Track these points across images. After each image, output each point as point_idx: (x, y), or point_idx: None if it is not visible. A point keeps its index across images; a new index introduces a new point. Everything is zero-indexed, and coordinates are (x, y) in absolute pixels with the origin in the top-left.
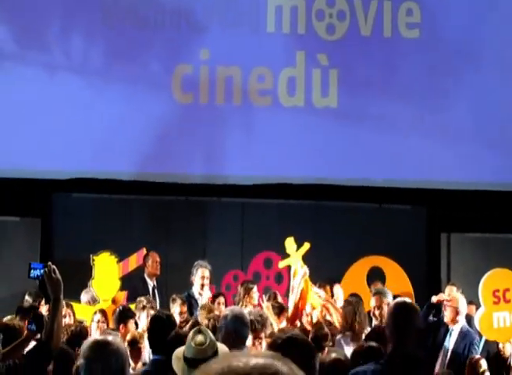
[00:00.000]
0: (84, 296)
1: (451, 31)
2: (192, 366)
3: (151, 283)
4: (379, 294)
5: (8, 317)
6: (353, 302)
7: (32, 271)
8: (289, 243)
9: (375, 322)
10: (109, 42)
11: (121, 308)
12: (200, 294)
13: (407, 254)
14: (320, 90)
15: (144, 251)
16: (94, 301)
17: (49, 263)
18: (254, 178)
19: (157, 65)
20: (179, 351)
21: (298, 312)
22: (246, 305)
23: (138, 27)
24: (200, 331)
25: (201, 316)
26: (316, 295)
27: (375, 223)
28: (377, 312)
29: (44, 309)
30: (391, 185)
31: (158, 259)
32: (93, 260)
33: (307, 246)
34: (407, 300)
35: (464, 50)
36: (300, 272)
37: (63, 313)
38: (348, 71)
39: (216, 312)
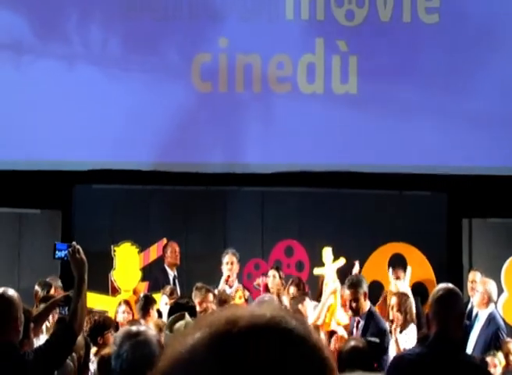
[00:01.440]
0: None
1: (471, 14)
2: None
3: (171, 274)
4: (354, 287)
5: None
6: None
7: (57, 252)
8: (326, 253)
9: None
10: (128, 32)
11: (145, 295)
12: (226, 282)
13: (429, 240)
14: (339, 76)
15: (165, 241)
16: None
17: (73, 243)
18: (275, 166)
19: (176, 54)
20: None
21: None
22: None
23: (157, 16)
24: (181, 318)
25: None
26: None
27: (396, 210)
28: (354, 305)
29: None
30: (411, 172)
31: (177, 249)
32: (114, 251)
33: (342, 261)
34: (450, 285)
35: (484, 32)
36: (330, 286)
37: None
38: (367, 57)
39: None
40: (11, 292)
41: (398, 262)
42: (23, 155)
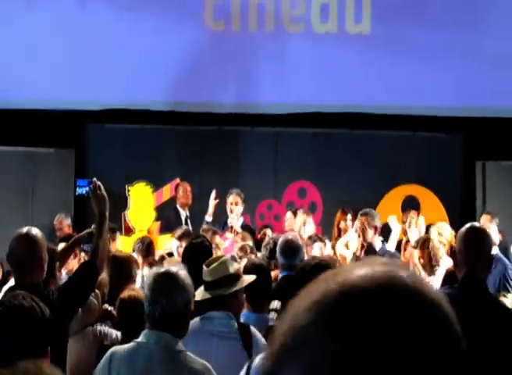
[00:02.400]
0: None
1: None
2: (206, 289)
3: (183, 214)
4: (366, 216)
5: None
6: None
7: (78, 188)
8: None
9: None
10: None
11: (146, 241)
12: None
13: (442, 182)
14: (353, 16)
15: (178, 181)
16: None
17: (94, 179)
18: (288, 107)
19: None
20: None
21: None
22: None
23: None
24: (217, 258)
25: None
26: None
27: (409, 152)
28: (360, 233)
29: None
30: (425, 113)
31: (188, 189)
32: (128, 191)
33: None
34: (477, 224)
35: None
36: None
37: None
38: None
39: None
40: (34, 231)
41: (410, 205)
42: (35, 94)
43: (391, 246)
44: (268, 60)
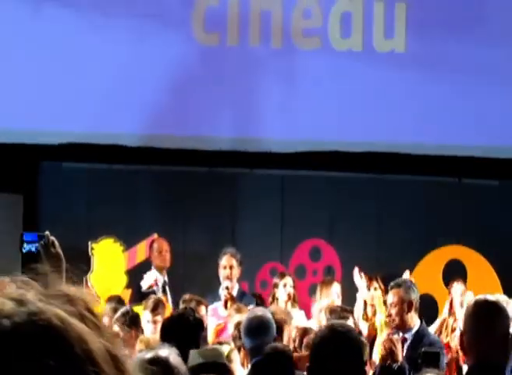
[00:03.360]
0: None
1: None
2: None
3: (160, 279)
4: (398, 287)
5: None
6: None
7: (25, 245)
8: None
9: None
10: None
11: (127, 310)
12: (224, 290)
13: (495, 243)
14: (383, 29)
15: (156, 237)
16: None
17: (47, 233)
18: (298, 144)
19: None
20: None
21: None
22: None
23: None
24: None
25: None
26: None
27: (453, 204)
28: (393, 311)
29: None
30: (474, 154)
31: (165, 247)
32: (92, 249)
33: None
34: (490, 297)
35: None
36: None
37: None
38: (420, 5)
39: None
40: None
41: (454, 272)
42: None
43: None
44: (273, 84)
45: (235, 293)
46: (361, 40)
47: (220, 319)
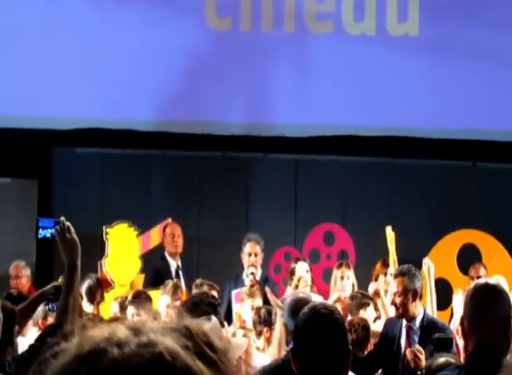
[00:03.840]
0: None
1: None
2: None
3: (173, 264)
4: (402, 276)
5: None
6: None
7: (40, 230)
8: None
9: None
10: None
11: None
12: (250, 276)
13: (510, 227)
14: (396, 13)
15: (169, 221)
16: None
17: (62, 219)
18: (311, 128)
19: None
20: None
21: None
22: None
23: None
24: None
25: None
26: None
27: (467, 188)
28: (398, 301)
29: None
30: (488, 138)
31: (177, 232)
32: (106, 233)
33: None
34: (491, 281)
35: None
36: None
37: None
38: None
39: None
40: None
41: (470, 256)
42: None
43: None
44: (286, 69)
45: (258, 278)
46: (375, 24)
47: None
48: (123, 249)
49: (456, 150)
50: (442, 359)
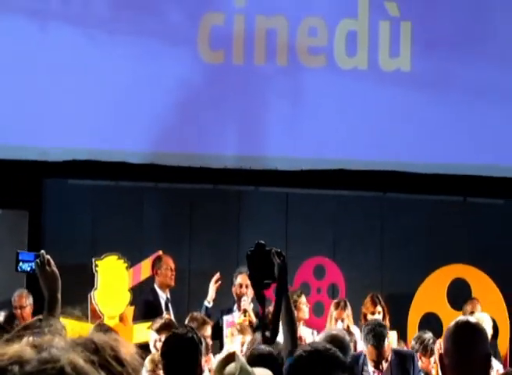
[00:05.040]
0: None
1: None
2: None
3: (163, 296)
4: (379, 342)
5: None
6: None
7: (20, 264)
8: None
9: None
10: None
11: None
12: (239, 309)
13: (500, 262)
14: (388, 48)
15: (160, 253)
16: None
17: (42, 252)
18: (303, 162)
19: (178, 14)
20: None
21: None
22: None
23: None
24: (230, 358)
25: (231, 339)
26: None
27: (457, 222)
28: (380, 366)
29: None
30: (479, 173)
31: (172, 265)
32: (95, 265)
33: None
34: (471, 318)
35: None
36: None
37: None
38: (425, 24)
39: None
40: None
41: (460, 291)
42: None
43: None
44: (278, 102)
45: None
46: (367, 58)
47: None
48: (112, 281)
49: (447, 185)
50: None
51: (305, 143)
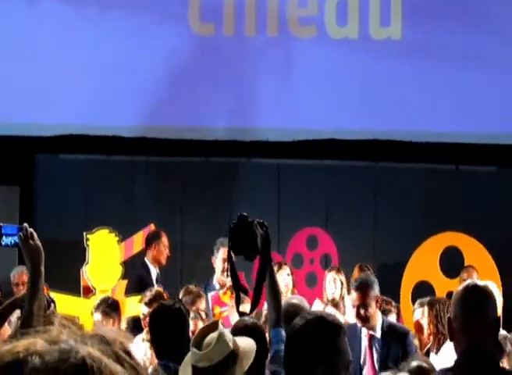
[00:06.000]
0: None
1: None
2: None
3: (154, 271)
4: (363, 289)
5: None
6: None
7: (3, 238)
8: None
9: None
10: None
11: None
12: (221, 284)
13: (493, 230)
14: (379, 17)
15: (153, 227)
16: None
17: (25, 225)
18: (294, 133)
19: None
20: (188, 357)
21: None
22: None
23: None
24: (212, 328)
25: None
26: None
27: (450, 190)
28: (362, 312)
29: None
30: (471, 141)
31: (166, 242)
32: (87, 239)
33: None
34: (479, 282)
35: None
36: None
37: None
38: None
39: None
40: None
41: (453, 258)
42: None
43: None
44: (269, 73)
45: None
46: (357, 28)
47: (223, 306)
48: (104, 255)
49: (439, 153)
50: (414, 363)
51: (296, 114)
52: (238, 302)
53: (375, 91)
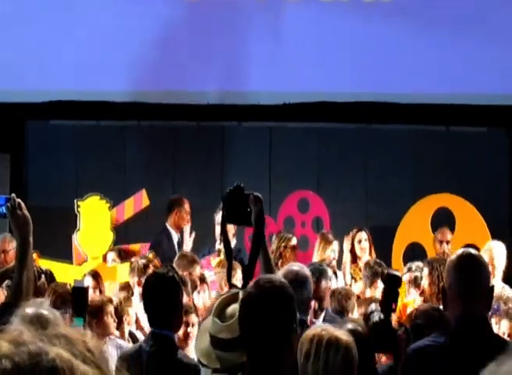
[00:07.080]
0: None
1: None
2: (218, 348)
3: (175, 237)
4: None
5: None
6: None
7: None
8: None
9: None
10: None
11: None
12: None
13: (483, 191)
14: None
15: (144, 192)
16: None
17: (13, 195)
18: (285, 95)
19: None
20: (206, 325)
21: None
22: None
23: None
24: (233, 298)
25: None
26: None
27: (440, 152)
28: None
29: None
30: (461, 102)
31: (188, 209)
32: (78, 206)
33: None
34: (473, 251)
35: None
36: None
37: None
38: None
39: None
40: None
41: (443, 220)
42: None
43: None
44: (259, 37)
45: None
46: None
47: (211, 270)
48: (95, 222)
49: (429, 115)
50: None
51: (287, 77)
52: (230, 274)
53: (366, 54)
